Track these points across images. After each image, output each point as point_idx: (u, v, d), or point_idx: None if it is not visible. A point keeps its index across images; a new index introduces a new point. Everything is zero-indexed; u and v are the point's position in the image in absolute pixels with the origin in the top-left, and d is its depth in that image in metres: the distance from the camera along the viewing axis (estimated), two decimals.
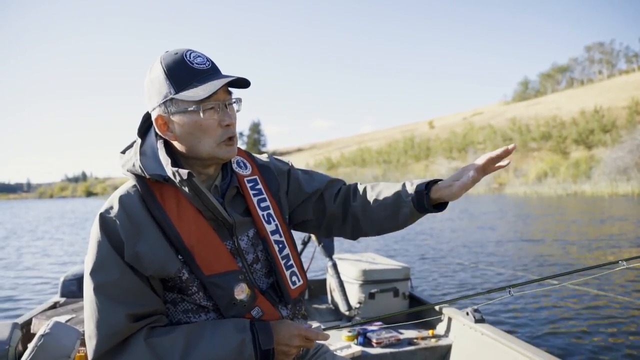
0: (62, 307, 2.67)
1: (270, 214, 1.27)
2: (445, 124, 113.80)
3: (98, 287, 1.06)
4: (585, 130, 58.21)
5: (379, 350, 2.58)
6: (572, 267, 7.39)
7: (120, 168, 1.18)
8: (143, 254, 1.07)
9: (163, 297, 1.16)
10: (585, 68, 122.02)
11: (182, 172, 1.09)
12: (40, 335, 1.58)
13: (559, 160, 50.97)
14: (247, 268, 1.20)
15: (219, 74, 1.14)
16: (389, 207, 1.34)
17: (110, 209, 1.11)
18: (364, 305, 3.05)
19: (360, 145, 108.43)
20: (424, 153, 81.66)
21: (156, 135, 1.20)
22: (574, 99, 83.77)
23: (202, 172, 1.20)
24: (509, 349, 2.16)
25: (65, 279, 3.04)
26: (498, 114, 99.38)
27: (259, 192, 1.28)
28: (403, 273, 3.14)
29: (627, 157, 39.86)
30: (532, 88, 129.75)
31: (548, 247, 9.74)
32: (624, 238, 10.68)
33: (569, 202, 26.56)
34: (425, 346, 2.61)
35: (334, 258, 3.35)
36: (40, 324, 2.32)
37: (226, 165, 1.26)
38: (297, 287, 1.28)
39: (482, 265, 7.58)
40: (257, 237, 1.24)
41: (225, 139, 1.14)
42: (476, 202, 29.19)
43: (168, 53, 1.14)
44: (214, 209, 1.14)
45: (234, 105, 1.17)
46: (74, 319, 2.32)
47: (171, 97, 1.10)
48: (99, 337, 1.05)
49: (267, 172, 1.36)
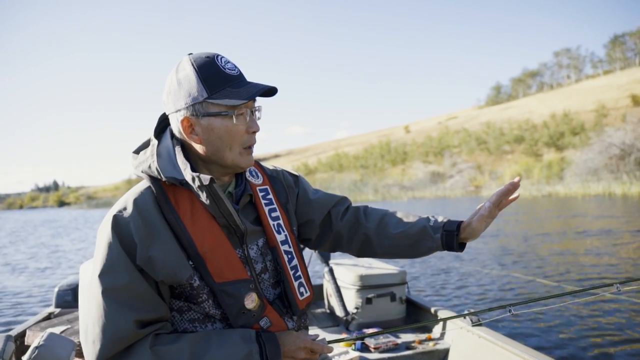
0: (56, 318, 2.56)
1: (280, 224, 1.27)
2: (420, 128, 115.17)
3: (106, 291, 1.02)
4: (556, 133, 59.70)
5: (376, 356, 2.57)
6: (577, 273, 7.52)
7: (134, 169, 1.16)
8: (156, 258, 1.04)
9: (169, 305, 1.14)
10: (554, 73, 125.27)
11: (203, 177, 1.07)
12: (35, 347, 1.55)
13: (532, 162, 52.17)
14: (255, 278, 1.19)
15: (247, 81, 1.14)
16: (412, 237, 1.37)
17: (124, 209, 1.08)
18: (361, 311, 3.04)
19: (337, 150, 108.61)
20: (400, 157, 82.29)
21: (172, 137, 1.18)
22: (544, 103, 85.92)
23: (219, 178, 1.19)
24: (506, 352, 2.18)
25: (60, 289, 2.96)
26: (472, 117, 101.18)
27: (269, 202, 1.28)
28: (400, 277, 3.14)
29: (597, 159, 41.07)
30: (504, 92, 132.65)
31: (547, 248, 9.91)
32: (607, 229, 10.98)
33: (547, 203, 27.16)
34: (423, 350, 2.62)
35: (330, 264, 3.34)
36: (35, 336, 2.24)
37: (241, 173, 1.25)
38: (304, 299, 1.27)
39: (480, 268, 7.66)
40: (267, 247, 1.24)
41: (247, 146, 1.15)
42: (462, 205, 29.54)
43: (198, 55, 1.12)
44: (229, 216, 1.13)
45: (256, 114, 1.17)
46: (69, 330, 2.23)
47: (203, 100, 1.08)
48: (104, 341, 1.01)
49: (276, 183, 1.36)
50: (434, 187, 53.58)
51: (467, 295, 5.94)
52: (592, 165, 40.37)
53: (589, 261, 7.82)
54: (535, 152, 59.63)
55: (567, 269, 7.25)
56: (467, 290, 6.20)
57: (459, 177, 58.52)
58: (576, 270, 7.08)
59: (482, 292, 6.09)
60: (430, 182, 57.65)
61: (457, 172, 60.71)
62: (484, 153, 66.94)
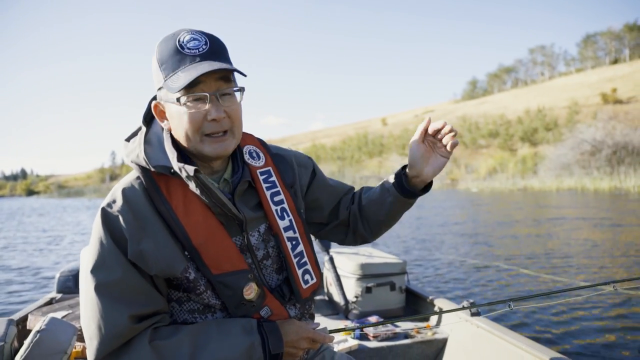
0: (58, 303, 2.59)
1: (284, 208, 1.21)
2: (397, 121, 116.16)
3: (99, 286, 0.99)
4: (530, 129, 61.10)
5: (375, 344, 2.56)
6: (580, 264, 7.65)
7: (125, 158, 1.11)
8: (148, 252, 1.00)
9: (168, 296, 1.11)
10: (529, 69, 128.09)
11: (188, 168, 1.02)
12: (36, 332, 1.57)
13: (507, 156, 53.30)
14: (257, 264, 1.15)
15: (211, 61, 1.02)
16: (377, 201, 1.35)
17: (113, 202, 1.04)
18: (361, 299, 3.02)
19: (314, 142, 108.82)
20: (377, 149, 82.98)
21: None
22: (519, 99, 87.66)
23: (206, 166, 1.12)
24: (504, 341, 2.19)
25: (61, 275, 2.94)
26: (449, 111, 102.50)
27: (272, 184, 1.21)
28: (400, 267, 3.13)
29: (569, 154, 42.29)
30: (480, 87, 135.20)
31: (542, 242, 10.10)
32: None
33: (526, 196, 27.76)
34: (421, 339, 2.62)
35: (330, 252, 3.31)
36: (36, 320, 2.27)
37: (236, 157, 1.18)
38: (309, 286, 1.22)
39: (480, 259, 7.74)
40: (269, 233, 1.18)
41: (208, 133, 1.05)
42: (452, 198, 29.95)
43: (165, 36, 1.06)
44: (224, 206, 1.07)
45: (235, 96, 1.08)
46: (70, 315, 2.26)
47: (161, 86, 1.04)
48: (101, 338, 0.99)
49: (282, 163, 1.29)
50: None
51: (467, 288, 6.00)
52: (565, 161, 41.56)
53: (586, 257, 7.98)
54: (510, 147, 60.93)
55: (564, 263, 7.39)
56: (467, 283, 6.25)
57: None
58: (573, 267, 7.21)
59: (483, 284, 6.16)
60: None
61: None
62: (460, 147, 67.15)
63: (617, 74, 79.99)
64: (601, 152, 40.32)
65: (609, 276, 6.37)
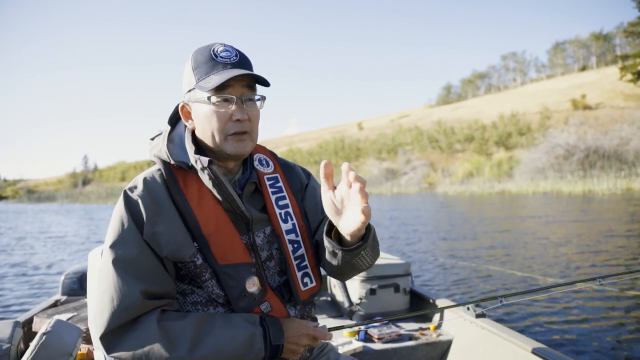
0: (63, 305, 2.64)
1: (288, 212, 1.27)
2: (373, 125, 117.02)
3: (116, 261, 1.07)
4: (504, 133, 62.44)
5: (380, 346, 2.54)
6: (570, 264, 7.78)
7: (148, 152, 1.24)
8: (161, 234, 1.09)
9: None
10: (501, 75, 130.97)
11: (203, 159, 1.12)
12: (42, 334, 1.62)
13: (482, 160, 54.29)
14: (261, 264, 1.20)
15: (236, 69, 1.14)
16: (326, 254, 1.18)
17: (135, 188, 1.16)
18: (365, 301, 2.98)
19: (290, 146, 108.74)
20: (354, 154, 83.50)
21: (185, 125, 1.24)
22: (492, 104, 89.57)
23: (221, 165, 1.22)
24: (509, 343, 2.19)
25: (66, 277, 2.97)
26: (424, 116, 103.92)
27: (278, 190, 1.30)
28: (404, 269, 3.10)
29: (543, 158, 43.41)
30: (454, 92, 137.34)
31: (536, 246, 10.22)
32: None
33: (504, 199, 28.31)
34: (426, 341, 2.61)
35: None
36: (42, 322, 2.32)
37: (246, 162, 1.28)
38: (308, 289, 1.26)
39: (478, 262, 7.79)
40: (273, 235, 1.25)
41: (232, 133, 1.14)
42: (448, 201, 30.22)
43: (201, 47, 1.19)
44: (232, 201, 1.16)
45: (257, 103, 1.18)
46: (75, 317, 2.30)
47: (193, 87, 1.16)
48: (112, 310, 1.04)
49: (290, 172, 1.38)
50: (389, 184, 54.70)
51: (464, 289, 6.09)
52: (540, 164, 42.65)
53: (571, 254, 8.16)
54: (485, 151, 62.13)
55: (553, 262, 7.54)
56: (463, 284, 6.33)
57: (412, 174, 60.06)
58: (561, 263, 7.37)
59: (475, 284, 6.28)
60: (385, 178, 58.84)
61: (411, 169, 62.26)
62: (436, 151, 69.02)
63: (585, 80, 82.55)
64: (574, 156, 41.52)
65: (609, 272, 6.57)
